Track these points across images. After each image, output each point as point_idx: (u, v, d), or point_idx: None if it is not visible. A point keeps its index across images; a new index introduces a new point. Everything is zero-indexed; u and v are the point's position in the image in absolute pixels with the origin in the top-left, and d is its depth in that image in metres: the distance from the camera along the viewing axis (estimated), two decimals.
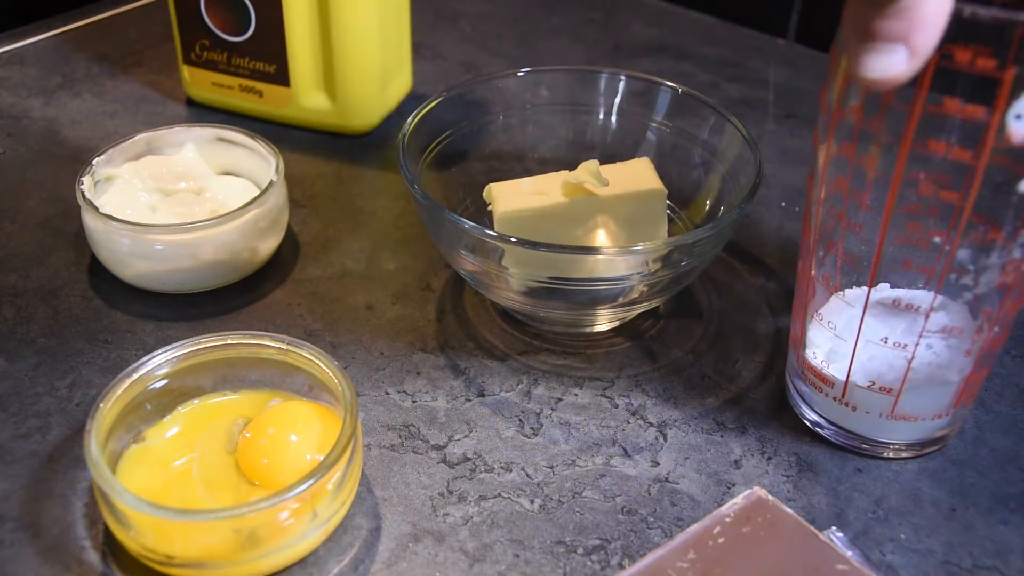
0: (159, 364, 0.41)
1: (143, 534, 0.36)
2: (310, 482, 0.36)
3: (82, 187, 0.50)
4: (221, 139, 0.55)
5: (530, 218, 0.48)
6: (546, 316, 0.49)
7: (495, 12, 0.82)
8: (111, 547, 0.38)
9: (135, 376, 0.40)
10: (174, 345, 0.41)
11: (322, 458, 0.37)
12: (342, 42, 0.60)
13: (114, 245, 0.49)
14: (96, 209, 0.48)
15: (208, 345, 0.41)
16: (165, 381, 0.41)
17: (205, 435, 0.41)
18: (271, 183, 0.51)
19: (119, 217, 0.48)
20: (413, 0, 0.66)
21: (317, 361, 0.41)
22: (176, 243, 0.48)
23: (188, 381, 0.42)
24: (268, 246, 0.52)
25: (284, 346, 0.42)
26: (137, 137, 0.54)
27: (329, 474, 0.36)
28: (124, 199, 0.51)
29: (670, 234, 0.51)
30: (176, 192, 0.53)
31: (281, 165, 0.52)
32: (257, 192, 0.52)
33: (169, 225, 0.48)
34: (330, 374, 0.40)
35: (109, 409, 0.38)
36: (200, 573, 0.36)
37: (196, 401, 0.42)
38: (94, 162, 0.52)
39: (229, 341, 0.42)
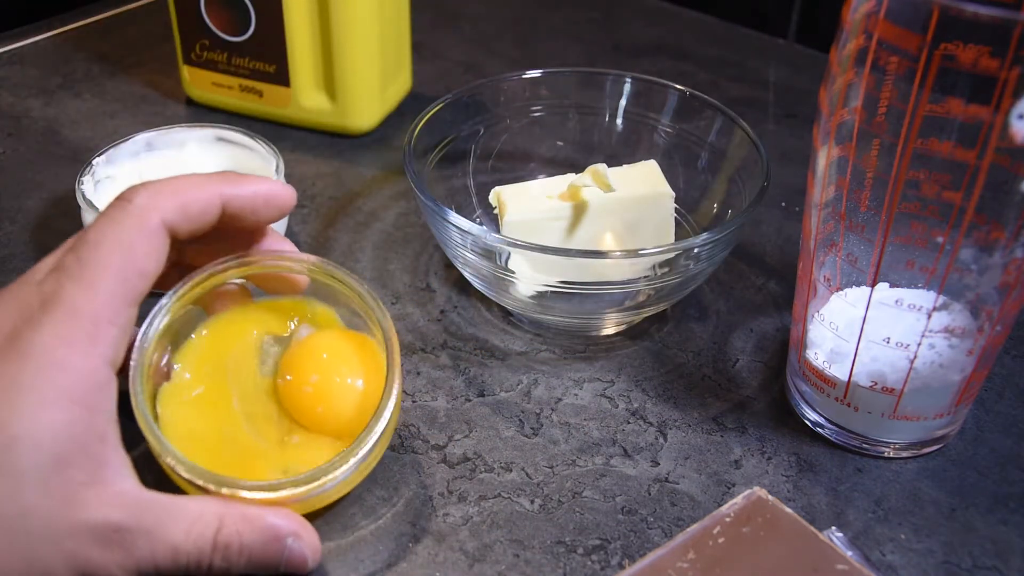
0: (181, 291, 0.38)
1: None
2: (355, 459, 0.36)
3: (82, 187, 0.50)
4: (221, 139, 0.55)
5: (537, 222, 0.48)
6: (552, 321, 0.49)
7: (495, 12, 0.82)
8: None
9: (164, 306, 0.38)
10: (193, 274, 0.39)
11: (366, 387, 0.38)
12: (342, 42, 0.60)
13: None
14: (96, 209, 0.48)
15: (229, 266, 0.39)
16: (190, 306, 0.39)
17: (234, 356, 0.39)
18: None
19: None
20: (413, 0, 0.66)
21: (349, 282, 0.39)
22: None
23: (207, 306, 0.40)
24: None
25: (312, 264, 0.40)
26: (137, 137, 0.54)
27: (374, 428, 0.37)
28: None
29: (678, 238, 0.51)
30: None
31: (281, 165, 0.52)
32: None
33: None
34: (360, 298, 0.39)
35: (152, 347, 0.37)
36: None
37: (213, 320, 0.40)
38: (94, 162, 0.52)
39: (252, 258, 0.39)
